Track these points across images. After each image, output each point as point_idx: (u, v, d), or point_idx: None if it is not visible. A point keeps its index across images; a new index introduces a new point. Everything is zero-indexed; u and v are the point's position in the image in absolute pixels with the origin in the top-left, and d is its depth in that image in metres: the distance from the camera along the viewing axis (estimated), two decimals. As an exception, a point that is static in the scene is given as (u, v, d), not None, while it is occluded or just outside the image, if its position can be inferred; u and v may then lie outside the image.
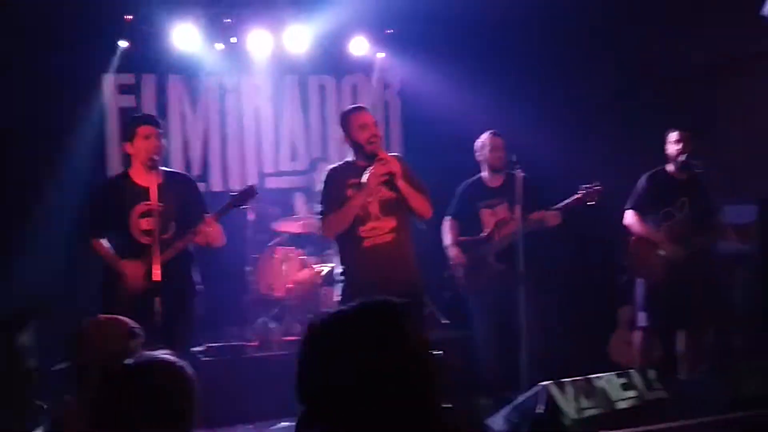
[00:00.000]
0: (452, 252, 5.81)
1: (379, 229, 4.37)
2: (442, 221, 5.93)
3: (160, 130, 4.54)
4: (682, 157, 5.27)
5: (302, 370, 1.47)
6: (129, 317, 4.10)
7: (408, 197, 4.37)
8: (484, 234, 5.70)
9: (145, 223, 4.41)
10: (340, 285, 4.51)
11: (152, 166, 4.32)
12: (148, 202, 4.34)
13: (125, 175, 4.60)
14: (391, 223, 4.38)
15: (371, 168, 4.31)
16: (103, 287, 4.50)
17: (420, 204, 4.41)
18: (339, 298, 4.53)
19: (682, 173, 5.36)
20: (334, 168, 4.58)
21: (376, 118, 7.48)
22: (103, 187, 4.72)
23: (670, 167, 5.43)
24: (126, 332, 2.75)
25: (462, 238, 5.83)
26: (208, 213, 4.51)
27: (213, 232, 4.42)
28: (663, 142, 5.40)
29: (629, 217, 5.53)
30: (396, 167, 4.31)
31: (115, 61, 6.86)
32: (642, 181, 5.52)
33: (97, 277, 4.61)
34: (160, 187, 4.37)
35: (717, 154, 5.68)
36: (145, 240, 4.39)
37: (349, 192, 4.37)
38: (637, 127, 6.18)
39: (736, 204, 5.39)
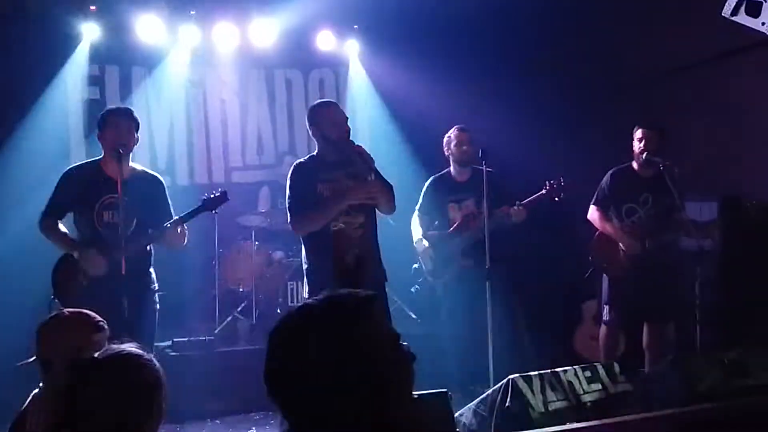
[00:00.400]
0: (420, 246, 5.84)
1: (350, 224, 4.36)
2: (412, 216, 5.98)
3: (132, 123, 4.46)
4: (645, 155, 5.34)
5: (271, 366, 1.48)
6: (90, 308, 4.09)
7: (379, 193, 4.35)
8: (451, 229, 5.74)
9: (107, 215, 4.35)
10: (308, 279, 4.49)
11: (118, 156, 4.24)
12: (114, 195, 4.28)
13: (95, 164, 4.51)
14: (359, 218, 4.37)
15: (359, 185, 4.30)
16: (54, 274, 4.35)
17: (385, 199, 4.40)
18: (307, 293, 4.51)
19: (646, 170, 5.43)
20: (301, 163, 4.50)
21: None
22: (71, 172, 4.54)
23: (635, 164, 5.50)
24: (90, 326, 2.72)
25: (430, 232, 5.86)
26: (173, 217, 4.46)
27: (178, 234, 4.38)
28: (630, 139, 5.48)
29: (593, 213, 5.60)
30: (370, 162, 4.29)
31: (80, 51, 6.77)
32: (606, 177, 5.59)
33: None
34: (127, 181, 4.31)
35: (681, 152, 5.77)
36: (105, 231, 4.33)
37: (319, 187, 4.32)
38: (606, 124, 6.25)
39: (698, 201, 5.49)
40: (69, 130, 6.87)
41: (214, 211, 4.60)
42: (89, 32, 6.72)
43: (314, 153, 4.53)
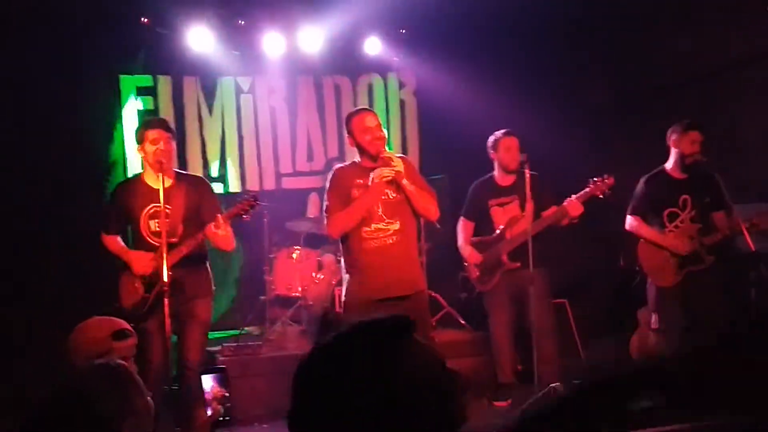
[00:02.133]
0: (465, 252, 5.81)
1: (383, 231, 4.35)
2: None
3: (170, 134, 4.56)
4: (698, 157, 5.21)
5: (299, 410, 1.31)
6: (135, 316, 4.21)
7: (412, 198, 4.36)
8: (495, 233, 5.68)
9: (154, 225, 4.50)
10: (345, 286, 4.54)
11: (160, 169, 4.35)
12: (157, 204, 4.38)
13: (138, 177, 4.71)
14: (394, 224, 4.36)
15: (375, 170, 4.30)
16: (118, 283, 4.57)
17: (425, 205, 4.39)
18: (344, 299, 4.55)
19: (682, 173, 5.30)
20: (341, 168, 4.58)
21: (390, 118, 7.68)
22: (117, 188, 4.82)
23: (669, 167, 5.37)
24: (109, 334, 2.76)
25: (475, 238, 5.82)
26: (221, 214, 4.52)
27: (223, 235, 4.40)
28: (665, 141, 5.35)
29: (631, 223, 5.46)
30: (399, 168, 4.26)
31: (133, 62, 6.95)
32: (641, 184, 5.44)
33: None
34: (169, 189, 4.44)
35: (732, 152, 5.63)
36: (154, 241, 4.47)
37: (354, 192, 4.35)
38: (649, 127, 6.10)
39: (751, 203, 5.31)
40: (125, 141, 7.04)
41: (245, 216, 4.53)
42: (142, 43, 6.88)
43: (355, 159, 4.58)
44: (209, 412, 2.47)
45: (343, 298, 4.58)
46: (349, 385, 1.25)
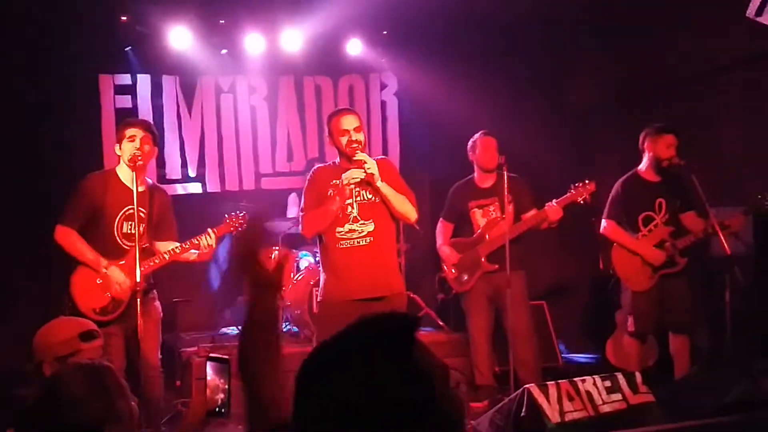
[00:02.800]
0: (443, 253, 5.82)
1: (357, 232, 4.34)
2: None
3: (149, 135, 4.49)
4: (675, 160, 5.25)
5: (304, 410, 1.26)
6: (101, 316, 4.15)
7: (388, 200, 4.34)
8: (475, 235, 5.70)
9: (128, 227, 4.42)
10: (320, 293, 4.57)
11: (135, 169, 4.31)
12: (132, 206, 4.33)
13: (111, 172, 4.57)
14: (368, 226, 4.35)
15: (346, 173, 4.31)
16: (69, 287, 4.37)
17: (401, 207, 4.37)
18: (319, 298, 4.57)
19: (656, 175, 5.35)
20: (319, 168, 4.62)
21: (371, 119, 7.67)
22: (89, 180, 4.53)
23: (642, 170, 5.41)
24: (77, 334, 2.74)
25: (454, 239, 5.84)
26: (175, 232, 4.59)
27: (202, 253, 4.47)
28: (640, 146, 5.39)
29: (607, 227, 5.48)
30: (372, 170, 4.26)
31: (111, 61, 6.90)
32: (617, 188, 5.47)
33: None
34: (143, 193, 4.42)
35: (709, 156, 5.66)
36: (124, 243, 4.39)
37: (329, 191, 4.36)
38: (629, 131, 6.13)
39: (728, 206, 5.35)
40: (102, 139, 6.98)
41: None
42: (120, 42, 6.84)
43: (336, 160, 4.58)
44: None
45: (318, 298, 4.58)
46: (354, 384, 1.20)
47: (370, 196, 4.37)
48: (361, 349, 1.24)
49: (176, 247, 4.48)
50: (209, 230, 4.46)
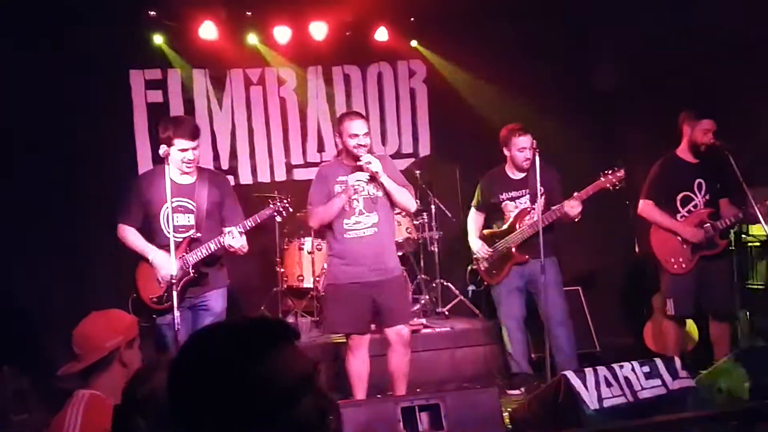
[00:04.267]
0: (475, 245, 5.81)
1: (362, 224, 4.76)
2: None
3: (197, 142, 4.63)
4: (712, 144, 5.15)
5: (175, 393, 1.34)
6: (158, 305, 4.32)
7: (391, 193, 4.76)
8: (506, 225, 5.66)
9: (176, 219, 4.50)
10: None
11: (185, 172, 4.57)
12: (180, 199, 4.51)
13: (161, 169, 4.63)
14: (372, 218, 4.76)
15: (351, 175, 4.76)
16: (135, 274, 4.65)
17: (402, 200, 4.82)
18: (325, 282, 5.10)
19: (694, 157, 5.26)
20: (325, 165, 5.12)
21: (400, 106, 7.64)
22: (140, 179, 4.85)
23: (681, 151, 5.32)
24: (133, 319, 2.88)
25: (486, 230, 5.82)
26: (241, 213, 4.74)
27: (239, 247, 4.59)
28: (676, 126, 5.29)
29: (645, 207, 5.40)
30: (377, 169, 4.65)
31: (141, 56, 6.96)
32: (655, 168, 5.40)
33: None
34: (192, 185, 4.59)
35: (746, 137, 5.54)
36: (175, 235, 4.45)
37: (335, 188, 4.78)
38: (661, 116, 6.02)
39: (764, 186, 5.22)
40: (135, 134, 7.05)
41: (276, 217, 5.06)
42: (150, 37, 6.88)
43: (339, 157, 5.00)
44: None
45: (323, 282, 5.01)
46: (216, 376, 1.27)
47: (374, 191, 4.78)
48: (224, 342, 1.31)
49: (216, 241, 4.58)
50: (231, 228, 4.57)
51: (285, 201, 4.88)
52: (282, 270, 6.76)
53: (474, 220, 5.88)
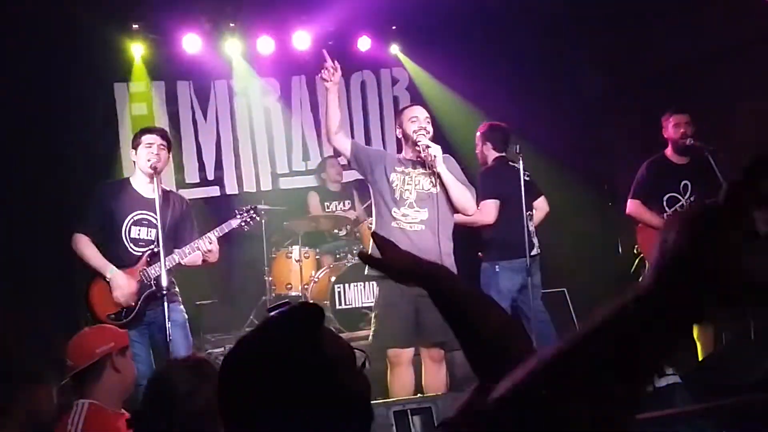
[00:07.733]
0: None
1: (410, 217, 4.44)
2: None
3: (166, 142, 4.52)
4: (687, 140, 5.24)
5: (225, 398, 1.36)
6: (115, 322, 4.21)
7: (449, 187, 4.42)
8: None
9: (136, 232, 4.44)
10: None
11: (151, 175, 4.34)
12: (143, 211, 4.40)
13: (126, 181, 4.63)
14: (422, 214, 4.44)
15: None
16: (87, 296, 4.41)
17: (461, 196, 4.47)
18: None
19: (681, 157, 5.34)
20: (389, 153, 4.93)
21: (384, 114, 7.68)
22: (103, 188, 4.64)
23: (668, 152, 5.41)
24: (110, 335, 2.88)
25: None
26: (196, 235, 4.56)
27: (213, 253, 4.52)
28: (659, 128, 5.38)
29: (633, 207, 5.48)
30: (436, 152, 4.35)
31: (125, 69, 6.97)
32: (642, 169, 5.47)
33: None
34: (158, 199, 4.38)
35: (726, 136, 5.63)
36: (133, 249, 4.41)
37: (393, 176, 4.48)
38: (641, 116, 6.12)
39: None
40: (120, 147, 7.05)
41: (245, 227, 4.82)
42: (133, 50, 6.91)
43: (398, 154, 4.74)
44: None
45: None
46: (267, 370, 1.28)
47: (428, 187, 4.47)
48: (269, 342, 1.33)
49: (181, 252, 4.47)
50: (209, 234, 4.49)
51: (252, 211, 4.76)
52: (270, 278, 6.78)
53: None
